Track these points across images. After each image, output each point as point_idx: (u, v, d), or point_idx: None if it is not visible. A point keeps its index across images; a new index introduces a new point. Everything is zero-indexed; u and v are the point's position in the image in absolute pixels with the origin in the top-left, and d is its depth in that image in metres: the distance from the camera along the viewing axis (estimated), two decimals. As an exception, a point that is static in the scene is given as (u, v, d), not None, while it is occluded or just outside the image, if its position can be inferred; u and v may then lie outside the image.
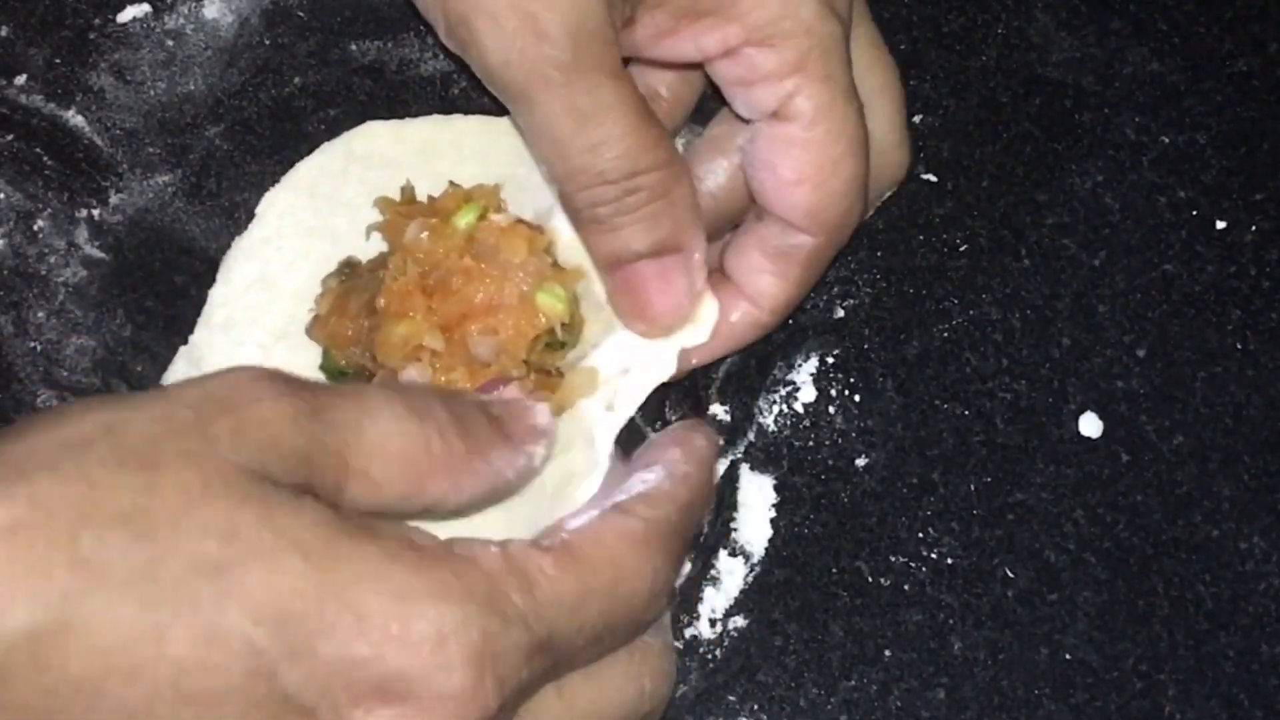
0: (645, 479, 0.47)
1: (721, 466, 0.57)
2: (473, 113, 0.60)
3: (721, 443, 0.57)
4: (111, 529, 0.37)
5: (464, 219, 0.51)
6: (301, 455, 0.41)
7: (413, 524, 0.43)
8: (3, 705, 0.37)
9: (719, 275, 0.54)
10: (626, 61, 0.50)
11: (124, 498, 0.38)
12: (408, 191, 0.54)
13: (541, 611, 0.41)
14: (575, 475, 0.50)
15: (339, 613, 0.38)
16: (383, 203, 0.54)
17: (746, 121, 0.53)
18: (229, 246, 0.57)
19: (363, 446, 0.42)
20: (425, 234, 0.51)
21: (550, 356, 0.51)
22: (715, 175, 0.53)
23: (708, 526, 0.56)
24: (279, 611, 0.38)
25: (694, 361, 0.54)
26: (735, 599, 0.55)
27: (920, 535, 0.56)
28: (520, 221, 0.52)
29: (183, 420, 0.40)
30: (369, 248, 0.55)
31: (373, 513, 0.43)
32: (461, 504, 0.45)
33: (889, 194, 0.57)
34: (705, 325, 0.52)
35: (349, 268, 0.54)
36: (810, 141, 0.50)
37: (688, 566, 0.55)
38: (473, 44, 0.48)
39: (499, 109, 0.60)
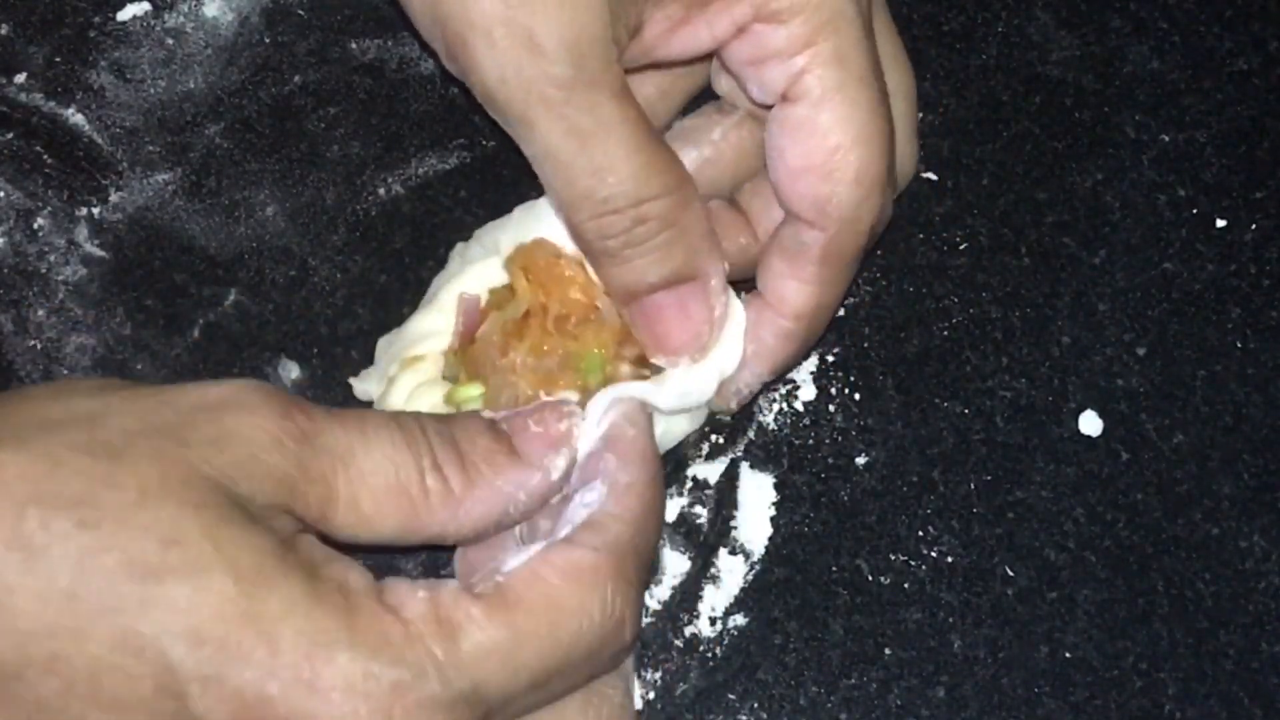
0: (587, 502, 0.45)
1: (722, 465, 0.57)
2: (472, 111, 0.60)
3: (721, 441, 0.57)
4: (59, 513, 0.37)
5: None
6: (281, 477, 0.40)
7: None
8: None
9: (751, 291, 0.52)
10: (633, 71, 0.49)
11: (80, 484, 0.38)
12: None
13: (463, 663, 0.40)
14: None
15: (255, 645, 0.38)
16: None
17: (728, 114, 0.52)
18: (229, 245, 0.57)
19: (351, 475, 0.42)
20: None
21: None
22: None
23: (708, 525, 0.56)
24: (198, 631, 0.37)
25: (741, 387, 0.52)
26: (735, 597, 0.55)
27: (920, 533, 0.56)
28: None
29: (163, 420, 0.40)
30: None
31: (369, 545, 0.43)
32: (468, 533, 0.44)
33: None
34: (734, 345, 0.51)
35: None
36: (817, 125, 0.47)
37: (687, 565, 0.55)
38: (470, 66, 0.46)
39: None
